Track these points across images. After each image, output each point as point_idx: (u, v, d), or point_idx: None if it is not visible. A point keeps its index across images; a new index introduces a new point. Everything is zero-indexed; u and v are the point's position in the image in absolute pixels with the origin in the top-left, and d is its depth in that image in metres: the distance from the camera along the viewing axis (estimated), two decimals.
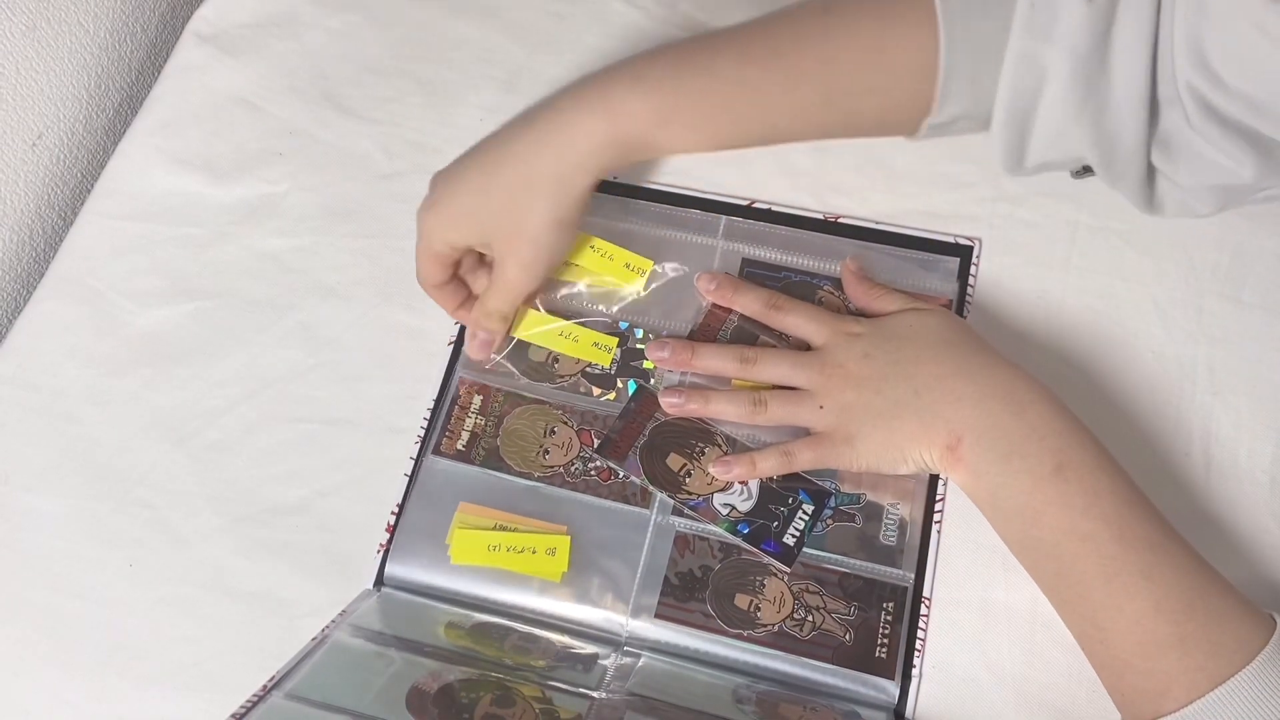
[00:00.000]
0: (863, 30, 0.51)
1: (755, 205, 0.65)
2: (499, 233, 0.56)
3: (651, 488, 0.57)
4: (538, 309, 0.62)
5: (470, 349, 0.60)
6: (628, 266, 0.62)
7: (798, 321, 0.58)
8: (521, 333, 0.61)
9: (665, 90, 0.53)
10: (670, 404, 0.58)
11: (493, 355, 0.61)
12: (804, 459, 0.55)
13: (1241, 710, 0.43)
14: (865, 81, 0.52)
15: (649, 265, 0.63)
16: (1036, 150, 0.50)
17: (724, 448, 0.58)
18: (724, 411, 0.58)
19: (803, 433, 0.56)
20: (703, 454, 0.58)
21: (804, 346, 0.59)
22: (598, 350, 0.61)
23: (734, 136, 0.55)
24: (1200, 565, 0.48)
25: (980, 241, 0.62)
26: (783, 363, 0.57)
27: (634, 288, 0.62)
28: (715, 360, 0.58)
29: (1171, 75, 0.45)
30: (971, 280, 0.61)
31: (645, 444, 0.58)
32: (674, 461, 0.58)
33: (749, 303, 0.60)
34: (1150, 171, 0.49)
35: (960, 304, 0.61)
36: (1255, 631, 0.45)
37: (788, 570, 0.55)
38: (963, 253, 0.62)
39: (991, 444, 0.51)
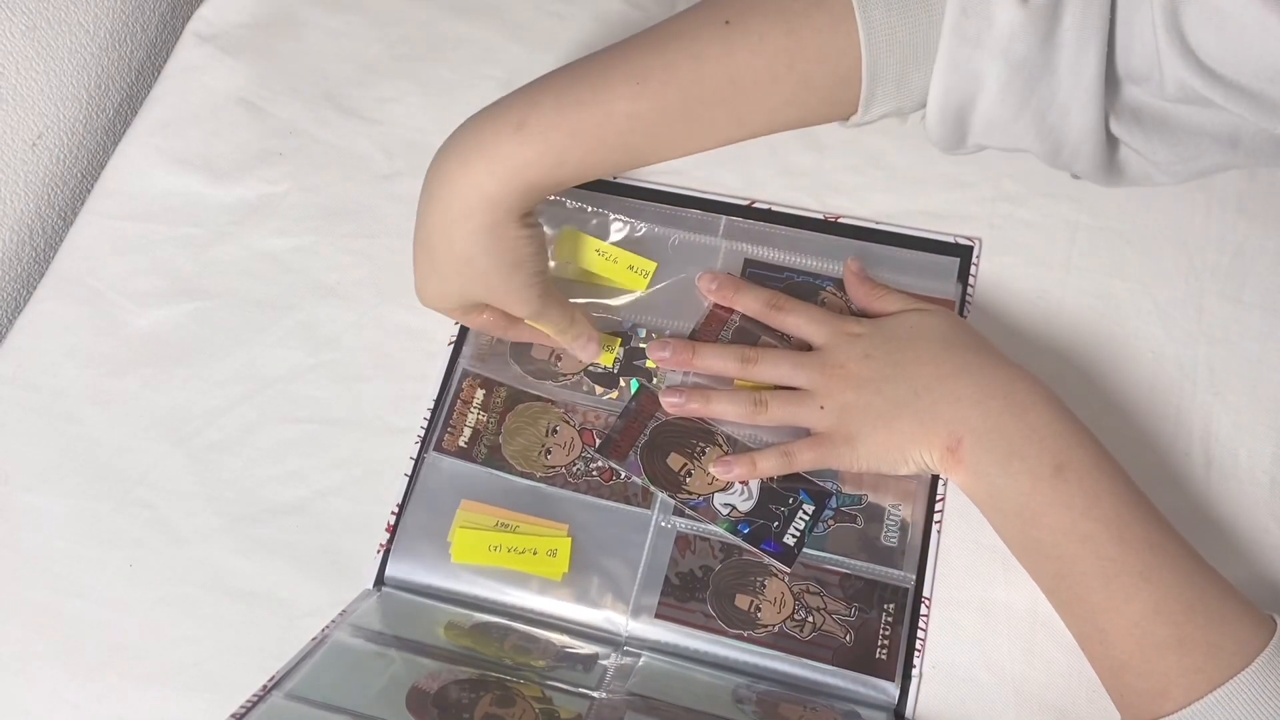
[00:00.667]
0: (769, 43, 0.47)
1: (755, 205, 0.65)
2: (478, 298, 0.55)
3: (652, 487, 0.57)
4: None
5: (584, 358, 0.60)
6: (631, 269, 0.62)
7: (798, 322, 0.58)
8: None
9: (553, 135, 0.49)
10: (671, 404, 0.58)
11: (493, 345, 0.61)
12: (805, 459, 0.55)
13: (1240, 712, 0.43)
14: (778, 96, 0.49)
15: (652, 266, 0.63)
16: (975, 139, 0.49)
17: (725, 447, 0.58)
18: (725, 411, 0.58)
19: (804, 433, 0.56)
20: (703, 454, 0.58)
21: (805, 347, 0.59)
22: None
23: (640, 162, 0.52)
24: (1200, 567, 0.48)
25: (980, 241, 0.62)
26: (784, 363, 0.57)
27: (637, 289, 0.62)
28: (716, 360, 0.58)
29: (1153, 49, 0.44)
30: (971, 280, 0.61)
31: (646, 444, 0.58)
32: (675, 461, 0.58)
33: (750, 302, 0.60)
34: (1108, 143, 0.48)
35: (960, 304, 0.61)
36: (1255, 633, 0.45)
37: (788, 570, 0.55)
38: (963, 253, 0.62)
39: (991, 445, 0.50)
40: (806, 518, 0.56)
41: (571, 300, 0.60)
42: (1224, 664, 0.44)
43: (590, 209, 0.64)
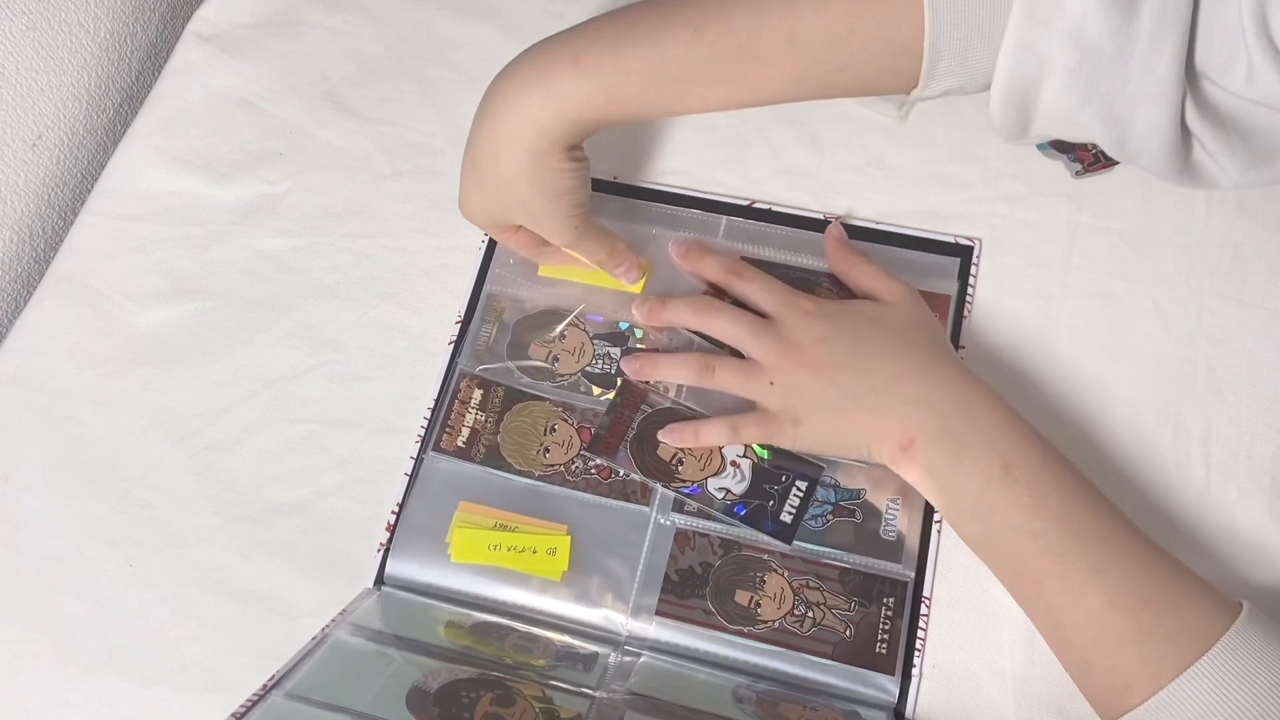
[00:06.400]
0: (832, 3, 0.47)
1: (755, 205, 0.65)
2: (516, 220, 0.57)
3: (645, 479, 0.57)
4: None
5: (626, 283, 0.62)
6: None
7: (752, 288, 0.59)
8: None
9: (607, 72, 0.50)
10: (630, 370, 0.60)
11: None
12: (750, 434, 0.56)
13: (1205, 697, 0.43)
14: (837, 60, 0.48)
15: (646, 266, 0.63)
16: (1039, 128, 0.48)
17: None
18: (673, 374, 0.59)
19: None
20: None
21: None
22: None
23: (690, 108, 0.52)
24: (1156, 555, 0.48)
25: (980, 241, 0.62)
26: (739, 325, 0.57)
27: (634, 291, 0.62)
28: (681, 312, 0.60)
29: (1237, 49, 0.42)
30: (971, 280, 0.61)
31: (635, 437, 0.58)
32: (665, 451, 0.58)
33: (712, 267, 0.61)
34: (1180, 139, 0.46)
35: (960, 304, 0.61)
36: (1215, 617, 0.45)
37: (787, 547, 0.55)
38: (963, 253, 0.62)
39: (943, 445, 0.51)
40: (800, 494, 0.56)
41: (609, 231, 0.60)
42: (1184, 650, 0.44)
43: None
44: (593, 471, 0.58)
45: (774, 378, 0.55)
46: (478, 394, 0.61)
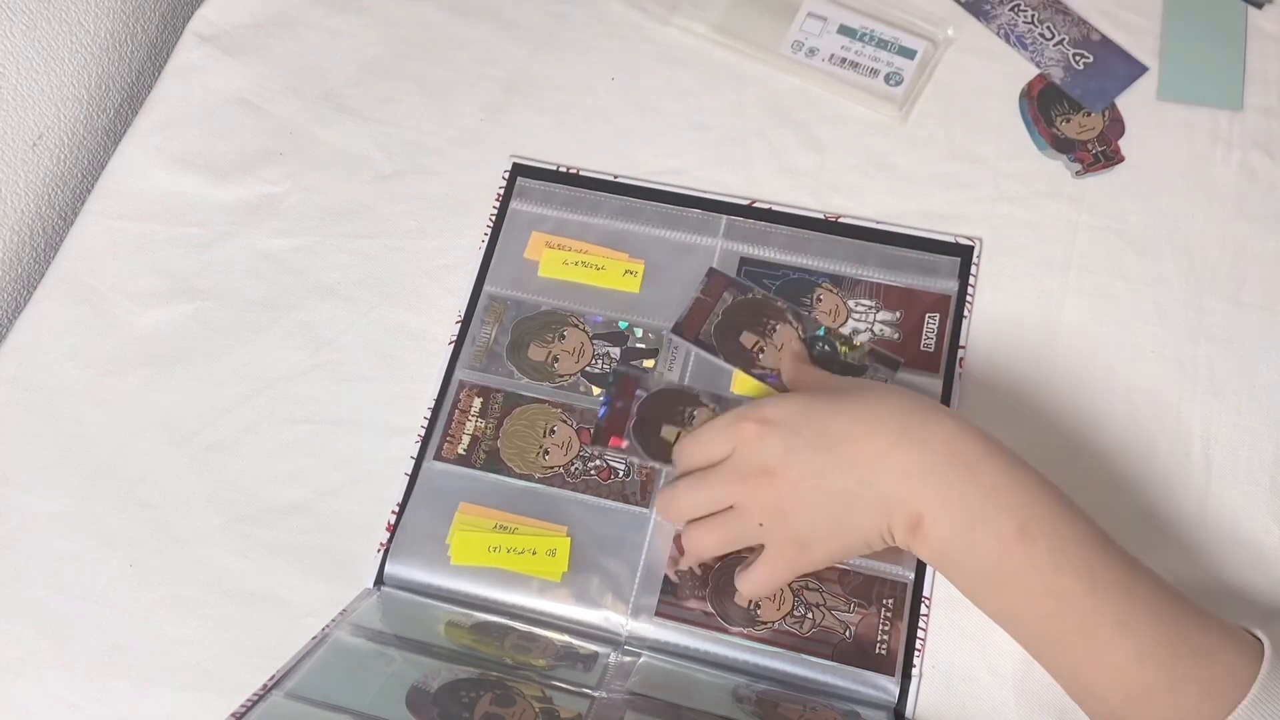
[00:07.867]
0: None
1: (755, 205, 0.65)
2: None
3: (653, 463, 0.57)
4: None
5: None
6: (627, 273, 0.62)
7: (696, 450, 0.54)
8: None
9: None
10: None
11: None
12: (764, 586, 0.53)
13: None
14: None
15: (640, 266, 0.63)
16: None
17: (711, 406, 0.58)
18: (701, 548, 0.55)
19: None
20: (693, 418, 0.58)
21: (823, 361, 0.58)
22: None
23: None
24: (1177, 602, 0.46)
25: (980, 241, 0.62)
26: (695, 491, 0.53)
27: (632, 290, 0.62)
28: (664, 510, 0.56)
29: None
30: (971, 280, 0.61)
31: (636, 422, 0.58)
32: (668, 433, 0.58)
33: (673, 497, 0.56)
34: None
35: (960, 304, 0.61)
36: (1244, 661, 0.43)
37: None
38: (963, 253, 0.62)
39: (953, 516, 0.47)
40: None
41: None
42: (1219, 701, 0.42)
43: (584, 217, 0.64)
44: (592, 473, 0.58)
45: (759, 517, 0.51)
46: (477, 402, 0.60)
